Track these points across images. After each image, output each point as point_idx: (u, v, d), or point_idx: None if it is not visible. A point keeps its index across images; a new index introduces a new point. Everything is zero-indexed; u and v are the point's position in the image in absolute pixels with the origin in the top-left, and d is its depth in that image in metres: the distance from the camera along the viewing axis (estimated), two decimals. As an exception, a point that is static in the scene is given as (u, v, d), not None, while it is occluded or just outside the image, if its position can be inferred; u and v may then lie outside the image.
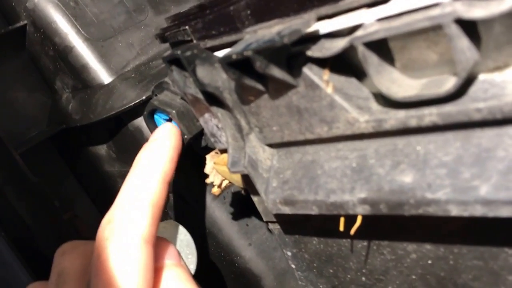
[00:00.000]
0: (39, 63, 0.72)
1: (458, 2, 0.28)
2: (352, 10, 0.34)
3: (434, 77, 0.34)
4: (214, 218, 0.65)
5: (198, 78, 0.40)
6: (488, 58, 0.31)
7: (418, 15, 0.30)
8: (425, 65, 0.34)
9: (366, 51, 0.32)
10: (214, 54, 0.42)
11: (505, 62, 0.31)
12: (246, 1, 0.41)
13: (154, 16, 0.74)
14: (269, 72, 0.35)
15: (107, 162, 0.73)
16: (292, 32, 0.33)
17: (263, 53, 0.34)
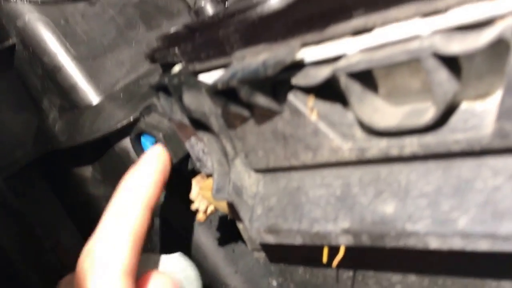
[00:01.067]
0: (27, 82, 0.73)
1: (437, 36, 0.30)
2: (336, 38, 0.36)
3: (418, 104, 0.36)
4: (200, 244, 0.66)
5: (185, 104, 0.42)
6: (469, 86, 0.33)
7: (398, 47, 0.31)
8: (408, 92, 0.36)
9: (348, 81, 0.34)
10: (202, 80, 0.43)
11: (487, 91, 0.33)
12: (235, 25, 0.42)
13: (146, 31, 0.75)
14: (253, 101, 0.37)
15: (92, 185, 0.74)
16: (276, 63, 0.35)
17: (248, 82, 0.36)
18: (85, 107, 0.67)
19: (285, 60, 0.35)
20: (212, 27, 0.45)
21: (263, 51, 0.40)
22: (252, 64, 0.37)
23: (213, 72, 0.46)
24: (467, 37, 0.29)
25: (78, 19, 0.71)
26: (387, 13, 0.33)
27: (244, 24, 0.42)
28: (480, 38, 0.28)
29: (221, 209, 0.51)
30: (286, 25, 0.39)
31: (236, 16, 0.44)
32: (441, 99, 0.30)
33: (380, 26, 0.33)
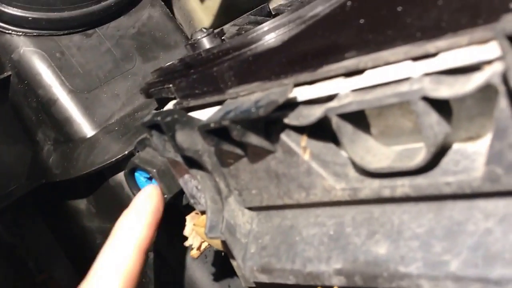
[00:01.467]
0: (22, 114, 0.74)
1: (427, 79, 0.31)
2: (329, 78, 0.37)
3: (410, 144, 0.36)
4: (194, 279, 0.67)
5: (178, 143, 0.43)
6: (461, 128, 0.33)
7: (389, 89, 0.32)
8: (400, 132, 0.36)
9: (340, 122, 0.35)
10: (195, 117, 0.44)
11: (478, 133, 0.33)
12: (229, 63, 0.43)
13: (142, 63, 0.76)
14: (246, 140, 0.37)
15: (87, 217, 0.74)
16: (269, 103, 0.35)
17: (240, 122, 0.36)
18: (80, 140, 0.68)
19: (277, 101, 0.36)
20: (207, 64, 0.46)
21: (257, 89, 0.41)
22: (245, 104, 0.38)
23: (208, 109, 0.47)
24: (456, 81, 0.29)
25: (73, 52, 0.73)
26: (378, 56, 0.33)
27: (238, 61, 0.43)
28: (468, 83, 0.29)
29: (215, 245, 0.52)
30: (279, 64, 0.40)
31: (230, 53, 0.45)
32: (432, 142, 0.31)
33: (372, 68, 0.34)
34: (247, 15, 0.78)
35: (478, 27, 0.29)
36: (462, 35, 0.29)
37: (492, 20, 0.28)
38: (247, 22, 0.76)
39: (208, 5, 0.91)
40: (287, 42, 0.39)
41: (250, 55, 0.42)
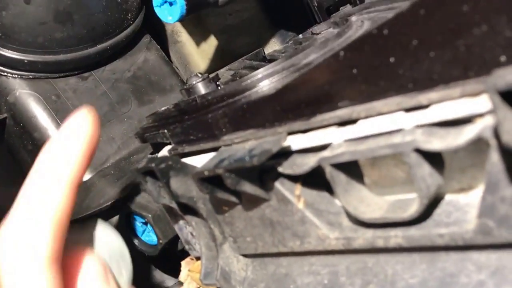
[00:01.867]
0: (17, 156, 0.74)
1: (419, 130, 0.31)
2: (322, 127, 0.38)
3: (403, 194, 0.37)
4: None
5: (172, 189, 0.43)
6: (453, 179, 0.34)
7: (381, 140, 0.32)
8: (394, 182, 0.37)
9: (333, 172, 0.35)
10: (189, 164, 0.44)
11: (470, 184, 0.33)
12: (223, 110, 0.44)
13: (138, 107, 0.77)
14: (240, 189, 0.37)
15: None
16: (262, 153, 0.36)
17: (234, 171, 0.37)
18: (75, 183, 0.68)
19: (271, 150, 0.36)
20: (201, 111, 0.46)
21: (251, 136, 0.41)
22: (239, 152, 0.38)
23: (203, 155, 0.47)
24: (448, 133, 0.30)
25: (69, 95, 0.73)
26: (371, 106, 0.34)
27: (233, 109, 0.43)
28: (460, 136, 0.29)
29: (210, 292, 0.51)
30: (273, 112, 0.40)
31: (225, 100, 0.45)
32: (424, 193, 0.31)
33: (365, 118, 0.35)
34: (242, 60, 0.79)
35: (469, 80, 0.29)
36: (454, 88, 0.30)
37: (483, 73, 0.29)
38: (243, 67, 0.78)
39: (204, 49, 0.92)
40: (280, 91, 0.39)
41: (244, 103, 0.42)
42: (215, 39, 0.92)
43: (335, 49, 0.35)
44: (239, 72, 0.76)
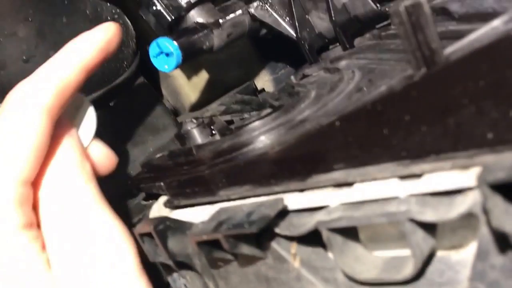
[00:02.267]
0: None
1: (413, 199, 0.33)
2: (319, 188, 0.39)
3: (398, 250, 0.38)
4: None
5: (169, 250, 0.44)
6: (444, 238, 0.35)
7: (377, 208, 0.34)
8: (388, 238, 0.38)
9: (330, 235, 0.36)
10: (186, 222, 0.45)
11: (460, 243, 0.35)
12: (220, 167, 0.45)
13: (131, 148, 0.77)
14: (238, 251, 0.39)
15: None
16: (260, 219, 0.37)
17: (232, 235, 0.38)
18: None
19: (270, 215, 0.37)
20: (199, 165, 0.48)
21: (247, 193, 0.43)
22: (237, 215, 0.39)
23: (199, 207, 0.48)
24: (441, 203, 0.32)
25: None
26: (366, 170, 0.35)
27: (229, 166, 0.44)
28: (452, 208, 0.31)
29: None
30: (270, 170, 0.41)
31: (222, 156, 0.47)
32: (418, 257, 0.33)
33: (360, 182, 0.36)
34: (233, 94, 0.80)
35: (459, 153, 0.31)
36: (445, 160, 0.32)
37: (472, 147, 0.31)
38: (234, 102, 0.79)
39: (195, 82, 0.94)
40: (276, 150, 0.41)
41: (241, 160, 0.44)
42: (206, 72, 0.93)
43: (330, 119, 0.36)
44: (231, 107, 0.78)
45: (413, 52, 0.31)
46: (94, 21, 0.70)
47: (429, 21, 0.30)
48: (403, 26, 0.31)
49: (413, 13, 0.30)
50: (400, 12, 0.30)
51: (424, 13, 0.30)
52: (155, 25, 0.68)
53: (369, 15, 0.59)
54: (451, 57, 0.30)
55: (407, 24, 0.30)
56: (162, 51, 0.61)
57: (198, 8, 0.67)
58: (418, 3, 0.30)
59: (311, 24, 0.65)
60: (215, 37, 0.66)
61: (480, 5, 0.42)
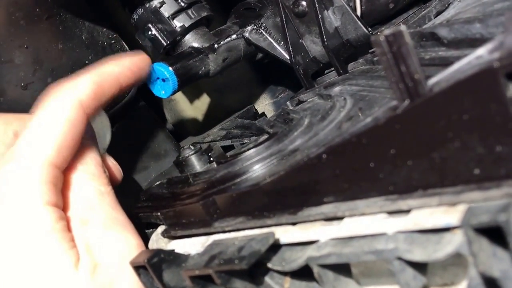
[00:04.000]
0: None
1: (401, 237, 0.31)
2: (309, 221, 0.38)
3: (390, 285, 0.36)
4: None
5: (165, 283, 0.43)
6: (436, 275, 0.34)
7: (366, 245, 0.32)
8: (380, 274, 0.37)
9: (321, 270, 0.35)
10: (181, 254, 0.44)
11: (452, 281, 0.33)
12: (214, 198, 0.44)
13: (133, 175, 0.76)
14: (231, 286, 0.37)
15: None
16: (251, 254, 0.35)
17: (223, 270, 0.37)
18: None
19: (260, 251, 0.36)
20: (194, 196, 0.47)
21: (241, 225, 0.41)
22: (229, 250, 0.38)
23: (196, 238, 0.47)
24: (429, 241, 0.30)
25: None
26: (354, 205, 0.34)
27: (223, 196, 0.43)
28: (440, 247, 0.29)
29: None
30: (262, 202, 0.40)
31: (216, 186, 0.45)
32: (409, 297, 0.31)
33: (350, 217, 0.35)
34: (234, 118, 0.79)
35: (446, 189, 0.29)
36: (432, 196, 0.30)
37: (459, 183, 0.29)
38: (234, 126, 0.78)
39: (197, 106, 0.93)
40: (268, 182, 0.39)
41: (234, 190, 0.43)
42: (208, 96, 0.93)
43: (318, 152, 0.35)
44: (231, 132, 0.77)
45: (396, 83, 0.29)
46: (91, 46, 0.69)
47: (411, 51, 0.28)
48: (384, 56, 0.29)
49: (394, 43, 0.28)
50: (381, 42, 0.29)
51: (405, 43, 0.28)
52: (152, 50, 0.67)
53: (361, 39, 0.58)
54: (434, 89, 0.28)
55: (389, 54, 0.29)
56: (158, 77, 0.61)
57: (193, 32, 0.67)
58: (399, 32, 0.28)
59: (305, 49, 0.64)
60: (211, 62, 0.65)
61: (468, 31, 0.40)
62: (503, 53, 0.25)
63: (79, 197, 0.47)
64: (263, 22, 0.67)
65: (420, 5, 0.66)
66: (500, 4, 0.46)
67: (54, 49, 0.65)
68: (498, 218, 0.23)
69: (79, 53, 0.67)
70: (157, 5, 0.64)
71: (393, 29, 0.28)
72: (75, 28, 0.67)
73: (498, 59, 0.25)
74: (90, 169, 0.49)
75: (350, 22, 0.58)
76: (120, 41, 0.74)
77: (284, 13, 0.62)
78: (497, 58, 0.25)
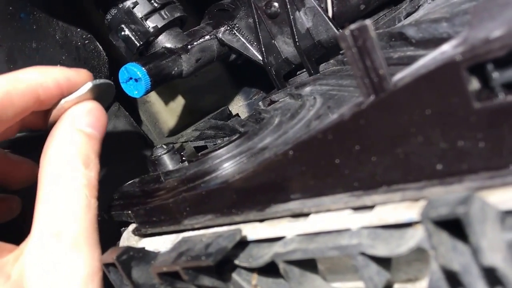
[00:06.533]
0: None
1: (365, 232, 0.31)
2: (277, 218, 0.37)
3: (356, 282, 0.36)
4: None
5: (134, 279, 0.42)
6: (400, 270, 0.33)
7: (330, 239, 0.32)
8: (346, 270, 0.36)
9: (287, 267, 0.34)
10: (151, 252, 0.43)
11: (416, 276, 0.33)
12: (184, 196, 0.43)
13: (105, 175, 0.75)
14: (198, 283, 0.37)
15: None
16: (218, 251, 0.35)
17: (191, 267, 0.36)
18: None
19: (227, 247, 0.35)
20: (164, 195, 0.46)
21: (210, 222, 0.41)
22: (197, 247, 0.37)
23: (166, 236, 0.46)
24: (392, 236, 0.30)
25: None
26: (320, 201, 0.34)
27: (193, 194, 0.42)
28: (402, 241, 0.29)
29: None
30: (231, 199, 0.39)
31: (185, 184, 0.45)
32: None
33: (316, 213, 0.34)
34: (208, 119, 0.79)
35: (410, 184, 0.29)
36: (395, 192, 0.30)
37: (422, 178, 0.29)
38: (208, 127, 0.77)
39: (172, 107, 0.92)
40: (236, 179, 0.39)
41: (203, 189, 0.42)
42: (183, 98, 0.92)
43: (285, 148, 0.34)
44: (204, 133, 0.76)
45: (361, 78, 0.29)
46: (65, 46, 0.68)
47: (376, 45, 0.28)
48: (349, 51, 0.29)
49: (359, 37, 0.28)
50: (346, 36, 0.28)
51: (370, 37, 0.28)
52: (126, 50, 0.66)
53: (332, 40, 0.58)
54: (399, 84, 0.28)
55: (354, 49, 0.28)
56: (131, 77, 0.60)
57: (166, 33, 0.66)
58: (364, 27, 0.28)
59: (277, 49, 0.63)
60: (184, 62, 0.64)
61: (435, 30, 0.40)
62: (466, 46, 0.25)
63: (65, 203, 0.45)
64: (236, 23, 0.67)
65: (391, 7, 0.66)
66: (467, 4, 0.46)
67: (27, 48, 0.64)
68: (457, 210, 0.23)
69: (53, 52, 0.66)
70: (130, 5, 0.63)
71: (358, 23, 0.28)
72: (49, 28, 0.66)
73: (461, 52, 0.25)
74: (90, 175, 0.47)
75: (322, 23, 0.58)
76: (94, 42, 0.73)
77: (257, 14, 0.62)
78: (460, 52, 0.25)
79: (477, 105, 0.25)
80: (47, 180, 0.45)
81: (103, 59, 0.74)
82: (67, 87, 0.48)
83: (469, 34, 0.25)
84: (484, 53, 0.24)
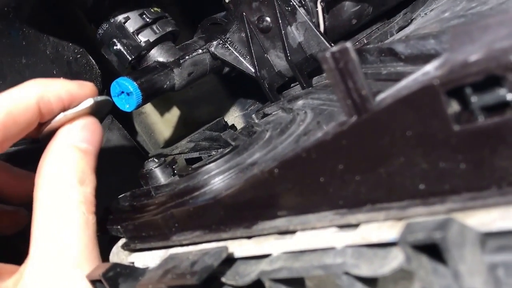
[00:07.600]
0: None
1: (349, 251, 0.31)
2: (263, 235, 0.37)
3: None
4: None
5: (121, 297, 0.42)
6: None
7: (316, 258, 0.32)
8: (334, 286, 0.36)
9: (273, 285, 0.34)
10: (138, 268, 0.43)
11: (403, 294, 0.33)
12: (172, 212, 0.43)
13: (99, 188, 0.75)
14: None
15: None
16: (203, 269, 0.35)
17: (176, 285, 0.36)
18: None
19: (212, 266, 0.35)
20: (153, 210, 0.46)
21: (197, 239, 0.41)
22: (183, 264, 0.37)
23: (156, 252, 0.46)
24: (376, 256, 0.30)
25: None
26: (306, 219, 0.34)
27: (181, 210, 0.43)
28: (386, 261, 0.29)
29: None
30: (218, 216, 0.40)
31: (174, 200, 0.45)
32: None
33: (302, 230, 0.34)
34: (203, 130, 0.79)
35: (393, 203, 0.29)
36: (379, 211, 0.30)
37: (405, 198, 0.29)
38: (203, 138, 0.77)
39: (167, 119, 0.92)
40: (224, 195, 0.39)
41: (191, 205, 0.42)
42: (178, 109, 0.92)
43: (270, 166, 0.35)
44: (199, 144, 0.76)
45: (343, 99, 0.29)
46: (56, 61, 0.68)
47: (357, 67, 0.28)
48: (331, 72, 0.29)
49: (340, 59, 0.28)
50: (327, 58, 0.28)
51: (352, 59, 0.28)
52: (118, 64, 0.66)
53: (324, 54, 0.58)
54: (381, 104, 0.28)
55: (335, 71, 0.28)
56: (123, 91, 0.60)
57: (158, 47, 0.66)
58: (345, 49, 0.28)
59: (270, 63, 0.63)
60: (176, 76, 0.64)
61: (423, 46, 0.40)
62: (444, 70, 0.25)
63: (63, 222, 0.45)
64: (229, 37, 0.67)
65: (383, 21, 0.66)
66: (456, 20, 0.46)
67: (17, 63, 0.64)
68: (434, 236, 0.23)
69: (44, 67, 0.66)
70: (122, 20, 0.63)
71: (339, 45, 0.28)
72: (39, 43, 0.66)
73: (439, 76, 0.25)
74: (86, 191, 0.47)
75: (313, 37, 0.58)
76: (86, 56, 0.73)
77: (249, 29, 0.62)
78: (438, 76, 0.25)
79: (457, 127, 0.25)
80: (43, 199, 0.45)
81: (96, 73, 0.74)
82: (69, 101, 0.48)
83: (449, 57, 0.25)
84: (461, 77, 0.24)
